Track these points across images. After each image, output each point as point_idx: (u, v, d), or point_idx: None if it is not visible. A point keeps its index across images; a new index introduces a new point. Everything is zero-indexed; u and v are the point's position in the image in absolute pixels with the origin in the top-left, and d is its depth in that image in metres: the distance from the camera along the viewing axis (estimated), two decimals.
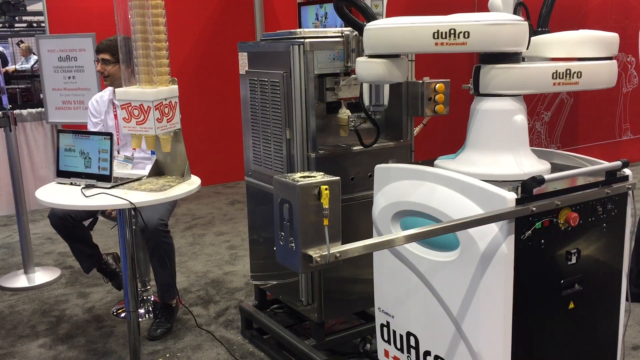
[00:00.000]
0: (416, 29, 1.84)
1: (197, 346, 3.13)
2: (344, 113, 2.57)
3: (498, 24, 1.81)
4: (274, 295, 3.07)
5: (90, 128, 3.51)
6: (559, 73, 1.86)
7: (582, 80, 1.89)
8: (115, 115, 3.43)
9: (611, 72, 1.94)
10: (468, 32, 1.79)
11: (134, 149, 3.36)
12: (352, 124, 2.54)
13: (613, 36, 1.94)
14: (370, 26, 1.95)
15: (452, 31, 1.80)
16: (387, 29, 1.91)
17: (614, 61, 1.95)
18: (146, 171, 2.86)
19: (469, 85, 2.01)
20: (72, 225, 3.23)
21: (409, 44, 1.88)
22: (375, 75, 2.01)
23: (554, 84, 1.87)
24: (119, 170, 3.13)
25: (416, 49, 1.90)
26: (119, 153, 3.31)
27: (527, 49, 1.89)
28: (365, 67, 2.01)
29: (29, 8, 10.83)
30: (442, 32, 1.81)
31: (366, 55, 2.00)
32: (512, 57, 1.88)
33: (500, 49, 1.85)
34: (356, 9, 2.11)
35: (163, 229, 3.15)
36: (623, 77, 6.78)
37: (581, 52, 1.91)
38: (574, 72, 1.87)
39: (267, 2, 6.58)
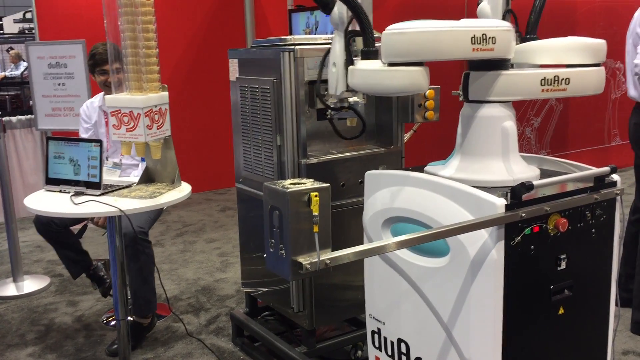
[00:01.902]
0: (457, 33, 1.74)
1: (188, 354, 3.11)
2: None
3: (512, 30, 1.83)
4: (265, 302, 3.06)
5: (82, 134, 3.50)
6: (547, 80, 1.87)
7: (571, 87, 1.90)
8: (107, 122, 3.41)
9: (599, 78, 1.96)
10: (495, 38, 1.77)
11: (122, 155, 3.36)
12: (330, 112, 2.33)
13: (601, 43, 1.95)
14: (399, 30, 1.74)
15: (484, 36, 1.75)
16: (427, 33, 1.73)
17: (602, 68, 1.96)
18: (133, 177, 2.86)
19: (459, 91, 2.01)
20: (56, 231, 3.20)
21: (449, 49, 1.74)
22: (408, 86, 1.80)
23: (543, 90, 1.87)
24: (108, 176, 3.11)
25: (454, 55, 1.77)
26: (107, 159, 3.30)
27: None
28: (395, 77, 1.79)
29: (20, 14, 10.78)
30: (477, 37, 1.74)
31: (386, 64, 1.80)
32: (501, 64, 1.89)
33: (510, 56, 1.87)
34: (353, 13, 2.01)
35: (142, 238, 3.06)
36: (612, 83, 6.84)
37: (569, 58, 1.92)
38: (562, 79, 1.88)
39: (258, 9, 6.60)
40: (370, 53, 1.94)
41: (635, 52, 3.08)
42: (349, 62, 2.10)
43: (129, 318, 3.19)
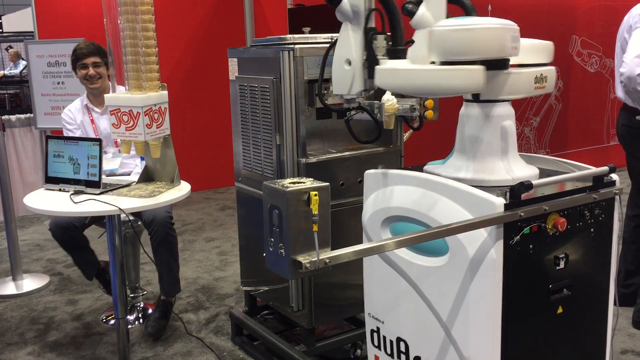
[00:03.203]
0: (506, 32, 1.71)
1: (187, 353, 3.11)
2: (390, 101, 2.16)
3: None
4: (264, 301, 3.07)
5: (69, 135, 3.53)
6: (537, 78, 1.89)
7: (547, 85, 1.93)
8: (92, 120, 3.46)
9: (555, 77, 2.00)
10: (518, 37, 1.79)
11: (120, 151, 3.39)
12: (349, 113, 2.15)
13: (551, 44, 2.00)
14: (461, 26, 1.71)
15: (515, 35, 1.76)
16: (488, 30, 1.70)
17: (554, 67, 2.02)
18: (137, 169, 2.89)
19: None
20: (75, 234, 3.21)
21: (500, 47, 1.73)
22: (468, 86, 1.74)
23: (535, 87, 1.90)
24: (109, 166, 3.20)
25: (502, 53, 1.77)
26: (106, 152, 3.34)
27: None
28: (456, 77, 1.71)
29: (18, 13, 10.75)
30: (514, 36, 1.75)
31: (439, 63, 1.75)
32: (505, 64, 1.88)
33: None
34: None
35: (170, 222, 3.19)
36: (610, 83, 6.84)
37: (532, 58, 1.94)
38: (544, 77, 1.91)
39: (258, 8, 6.60)
40: (400, 52, 1.87)
41: (622, 57, 3.07)
42: (373, 60, 1.95)
43: (162, 297, 3.36)
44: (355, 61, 1.97)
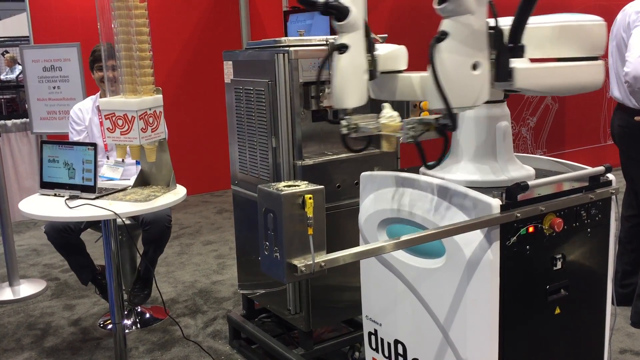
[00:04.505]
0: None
1: (185, 357, 3.10)
2: (391, 117, 1.76)
3: None
4: (262, 304, 3.06)
5: (74, 136, 3.51)
6: None
7: None
8: (101, 122, 3.43)
9: None
10: None
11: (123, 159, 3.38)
12: (411, 133, 1.65)
13: None
14: (599, 22, 1.86)
15: None
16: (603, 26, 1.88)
17: None
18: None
19: None
20: (70, 236, 3.21)
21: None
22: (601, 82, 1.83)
23: None
24: (110, 174, 3.18)
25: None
26: (108, 158, 3.33)
27: None
28: (601, 72, 1.82)
29: (14, 18, 10.75)
30: None
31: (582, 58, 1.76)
32: None
33: None
34: None
35: (168, 225, 3.32)
36: (607, 82, 6.84)
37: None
38: None
39: (253, 11, 6.59)
40: (522, 50, 1.65)
41: (620, 56, 3.04)
42: (505, 60, 1.63)
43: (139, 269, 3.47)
44: (484, 64, 1.61)
